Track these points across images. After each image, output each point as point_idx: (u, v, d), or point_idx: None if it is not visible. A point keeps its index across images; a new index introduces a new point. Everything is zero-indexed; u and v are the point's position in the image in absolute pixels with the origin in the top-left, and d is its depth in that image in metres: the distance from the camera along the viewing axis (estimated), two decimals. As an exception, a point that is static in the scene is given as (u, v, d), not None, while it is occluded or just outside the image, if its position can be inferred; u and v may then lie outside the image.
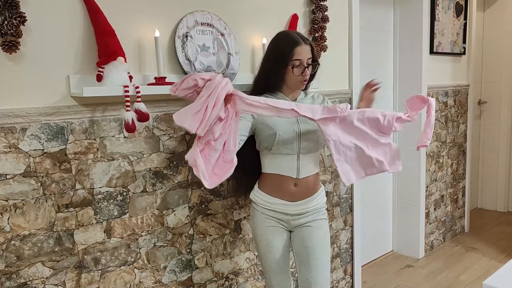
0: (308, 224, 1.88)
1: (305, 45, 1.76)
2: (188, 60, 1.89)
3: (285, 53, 1.75)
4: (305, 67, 1.76)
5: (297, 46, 1.74)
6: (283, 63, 1.75)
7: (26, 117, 1.51)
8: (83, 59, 1.63)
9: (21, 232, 1.54)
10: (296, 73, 1.77)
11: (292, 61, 1.74)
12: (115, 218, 1.77)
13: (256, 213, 1.90)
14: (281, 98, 1.81)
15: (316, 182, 1.92)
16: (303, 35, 1.80)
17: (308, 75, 1.79)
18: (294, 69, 1.75)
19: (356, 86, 2.77)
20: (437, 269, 3.36)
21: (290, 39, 1.77)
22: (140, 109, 1.64)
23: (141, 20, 1.77)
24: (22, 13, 1.44)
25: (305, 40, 1.78)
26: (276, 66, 1.78)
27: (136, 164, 1.81)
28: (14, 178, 1.51)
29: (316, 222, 1.89)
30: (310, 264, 1.85)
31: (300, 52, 1.74)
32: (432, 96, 3.52)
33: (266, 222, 1.87)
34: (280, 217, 1.86)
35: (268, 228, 1.87)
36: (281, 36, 1.81)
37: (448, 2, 3.55)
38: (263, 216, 1.88)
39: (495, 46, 4.53)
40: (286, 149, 1.79)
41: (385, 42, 3.38)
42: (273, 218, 1.87)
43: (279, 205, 1.85)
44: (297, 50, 1.74)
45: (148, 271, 1.89)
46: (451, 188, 3.91)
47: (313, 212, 1.89)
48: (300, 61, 1.75)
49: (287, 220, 1.87)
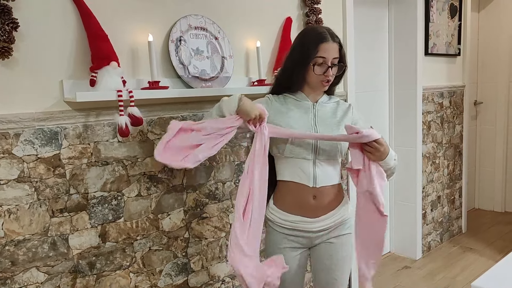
0: (330, 241, 1.70)
1: (332, 43, 1.59)
2: (182, 64, 1.89)
3: (309, 48, 1.58)
4: (329, 66, 1.59)
5: (323, 43, 1.57)
6: (306, 59, 1.59)
7: (20, 122, 1.51)
8: (76, 64, 1.63)
9: (16, 237, 1.54)
10: (318, 72, 1.60)
11: (316, 58, 1.58)
12: (110, 223, 1.77)
13: (272, 232, 1.73)
14: (301, 98, 1.69)
15: (338, 194, 1.73)
16: (333, 32, 1.63)
17: (330, 75, 1.61)
18: (315, 66, 1.59)
19: (351, 88, 2.78)
20: (434, 269, 3.37)
21: (317, 33, 1.60)
22: (134, 113, 1.64)
23: (134, 25, 1.78)
24: (14, 19, 1.44)
25: (334, 37, 1.61)
26: (299, 62, 1.61)
27: (130, 168, 1.81)
28: (8, 184, 1.51)
29: (339, 238, 1.71)
30: (327, 283, 1.72)
31: (325, 50, 1.57)
32: (428, 97, 3.53)
33: (283, 242, 1.70)
34: (300, 235, 1.68)
35: (285, 249, 1.69)
36: (308, 30, 1.67)
37: (443, 3, 3.57)
38: (280, 235, 1.70)
39: (490, 47, 4.54)
40: (301, 153, 1.63)
41: (380, 44, 3.39)
42: (292, 237, 1.69)
43: (299, 223, 1.66)
44: (322, 46, 1.57)
45: (143, 275, 1.89)
46: (447, 188, 3.92)
47: (337, 226, 1.71)
48: (324, 59, 1.58)
49: (309, 238, 1.69)
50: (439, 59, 3.66)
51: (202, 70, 1.96)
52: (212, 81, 1.99)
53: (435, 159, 3.71)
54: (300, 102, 1.69)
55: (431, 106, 3.58)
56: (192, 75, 1.92)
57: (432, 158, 3.66)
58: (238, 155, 2.18)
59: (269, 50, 2.28)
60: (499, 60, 4.48)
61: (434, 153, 3.69)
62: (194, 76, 1.93)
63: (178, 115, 1.94)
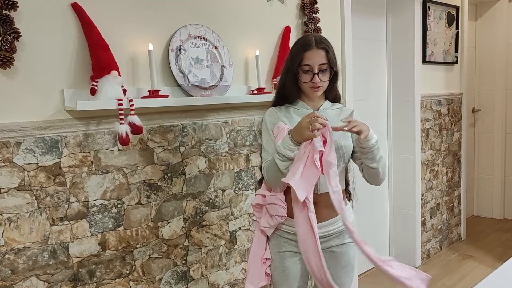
0: (333, 250, 1.68)
1: (317, 50, 1.58)
2: (182, 72, 1.91)
3: (296, 57, 1.60)
4: (315, 73, 1.58)
5: (308, 51, 1.57)
6: (293, 68, 1.60)
7: (21, 131, 1.52)
8: (77, 73, 1.65)
9: (16, 246, 1.55)
10: (304, 79, 1.60)
11: (301, 66, 1.58)
12: (110, 231, 1.77)
13: (273, 235, 1.70)
14: (302, 107, 1.68)
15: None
16: (321, 39, 1.62)
17: (317, 81, 1.59)
18: (302, 74, 1.59)
19: (349, 96, 2.80)
20: (434, 277, 3.36)
21: (303, 42, 1.61)
22: (134, 122, 1.66)
23: (134, 34, 1.79)
24: (16, 29, 1.46)
25: (320, 43, 1.59)
26: (289, 72, 1.63)
27: (130, 177, 1.82)
28: (8, 192, 1.52)
29: (340, 247, 1.69)
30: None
31: (309, 57, 1.57)
32: (426, 105, 3.55)
33: (284, 246, 1.67)
34: None
35: (286, 254, 1.67)
36: (297, 40, 1.66)
37: (440, 12, 3.60)
38: (281, 240, 1.68)
39: (487, 55, 4.58)
40: None
41: (378, 52, 3.41)
42: (293, 242, 1.64)
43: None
44: (307, 54, 1.57)
45: (143, 283, 1.89)
46: (446, 196, 3.92)
47: (338, 235, 1.68)
48: (310, 66, 1.58)
49: None
50: (437, 67, 3.68)
51: (201, 78, 1.97)
52: (212, 89, 2.01)
53: (434, 167, 3.72)
54: (301, 111, 1.68)
55: (429, 113, 3.60)
56: (192, 84, 1.93)
57: (430, 166, 3.68)
58: (237, 163, 2.19)
59: (268, 58, 2.30)
60: (496, 68, 4.51)
61: (433, 160, 3.70)
62: (194, 84, 1.94)
63: (178, 124, 1.95)
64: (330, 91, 1.71)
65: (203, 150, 2.05)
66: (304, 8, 2.44)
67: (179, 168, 1.97)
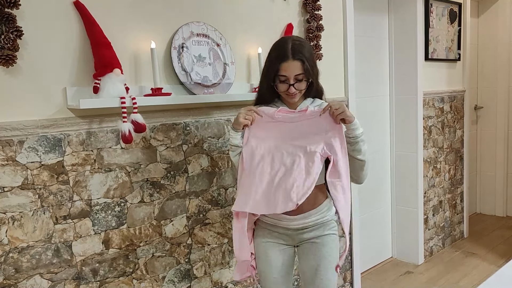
0: (313, 240, 1.73)
1: (293, 61, 1.60)
2: (184, 70, 1.90)
3: (272, 67, 1.64)
4: (290, 84, 1.63)
5: (283, 62, 1.61)
6: (270, 77, 1.65)
7: (24, 129, 1.52)
8: (79, 71, 1.64)
9: (19, 245, 1.55)
10: (280, 89, 1.66)
11: (278, 76, 1.63)
12: (113, 229, 1.77)
13: (257, 227, 1.80)
14: (280, 105, 1.73)
15: (321, 194, 1.73)
16: (298, 47, 1.63)
17: (293, 92, 1.64)
18: (278, 84, 1.65)
19: (352, 94, 2.79)
20: (437, 274, 3.36)
21: (280, 52, 1.63)
22: (137, 120, 1.65)
23: (137, 32, 1.79)
24: (18, 27, 1.46)
25: (296, 54, 1.61)
26: (266, 78, 1.68)
27: (133, 175, 1.81)
28: (11, 191, 1.52)
29: (322, 238, 1.73)
30: (314, 284, 1.70)
31: (285, 69, 1.61)
32: (428, 102, 3.54)
33: (266, 237, 1.76)
34: (282, 231, 1.74)
35: (269, 243, 1.76)
36: (274, 47, 1.68)
37: (442, 9, 3.59)
38: (264, 231, 1.77)
39: (490, 52, 4.56)
40: None
41: (380, 49, 3.40)
42: (275, 233, 1.75)
43: (280, 220, 1.72)
44: (283, 66, 1.61)
45: (146, 281, 1.89)
46: (449, 193, 3.91)
47: (319, 226, 1.73)
48: (286, 77, 1.62)
49: (290, 235, 1.74)
50: (439, 64, 3.67)
51: (204, 76, 1.97)
52: (214, 87, 2.00)
53: (436, 164, 3.71)
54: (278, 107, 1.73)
55: (431, 111, 3.59)
56: (195, 82, 1.93)
57: (433, 163, 3.67)
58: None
59: (271, 56, 2.29)
60: (499, 65, 4.50)
61: (435, 158, 3.70)
62: (196, 82, 1.94)
63: (181, 122, 1.95)
64: (311, 92, 1.76)
65: (205, 148, 2.05)
66: (306, 5, 2.43)
67: (182, 166, 1.96)
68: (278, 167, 1.62)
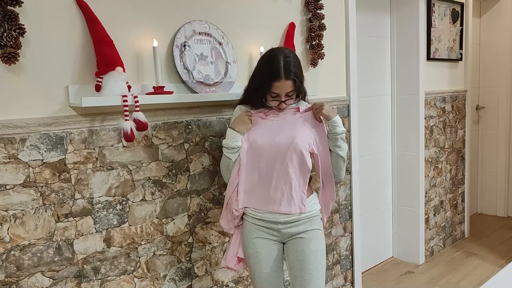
0: (301, 236, 1.77)
1: (285, 81, 1.67)
2: (186, 69, 1.90)
3: (264, 83, 1.71)
4: (281, 101, 1.73)
5: (276, 81, 1.68)
6: (262, 91, 1.74)
7: (26, 127, 1.52)
8: (81, 70, 1.64)
9: (21, 242, 1.55)
10: (272, 104, 1.76)
11: (270, 93, 1.72)
12: (115, 227, 1.77)
13: (245, 223, 1.84)
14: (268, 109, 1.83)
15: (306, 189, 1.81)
16: (290, 66, 1.68)
17: (283, 107, 1.76)
18: (270, 98, 1.74)
19: (353, 93, 2.79)
20: (437, 274, 3.36)
21: (273, 70, 1.68)
22: (139, 118, 1.65)
23: (139, 30, 1.79)
24: (21, 25, 1.46)
25: (289, 74, 1.67)
26: (257, 89, 1.77)
27: (135, 173, 1.81)
28: (13, 189, 1.52)
29: (308, 233, 1.78)
30: (302, 278, 1.74)
31: (278, 87, 1.69)
32: (430, 102, 3.54)
33: (255, 233, 1.80)
34: (270, 226, 1.78)
35: (258, 240, 1.79)
36: (267, 61, 1.73)
37: (444, 8, 3.58)
38: (253, 226, 1.81)
39: (492, 52, 4.55)
40: None
41: (382, 49, 3.40)
42: (263, 228, 1.79)
43: (267, 214, 1.77)
44: (275, 84, 1.68)
45: (148, 280, 1.89)
46: (450, 193, 3.91)
47: (305, 221, 1.78)
48: (278, 94, 1.72)
49: (278, 229, 1.78)
50: (441, 64, 3.67)
51: (206, 75, 1.97)
52: (216, 86, 2.00)
53: (438, 164, 3.71)
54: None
55: (433, 110, 3.59)
56: (197, 80, 1.93)
57: (434, 163, 3.66)
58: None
59: (273, 55, 2.29)
60: (501, 65, 4.49)
61: (437, 157, 3.69)
62: (199, 81, 1.94)
63: (183, 120, 1.95)
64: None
65: (207, 146, 2.05)
66: (309, 5, 2.43)
67: (183, 164, 1.96)
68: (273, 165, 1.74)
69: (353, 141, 2.83)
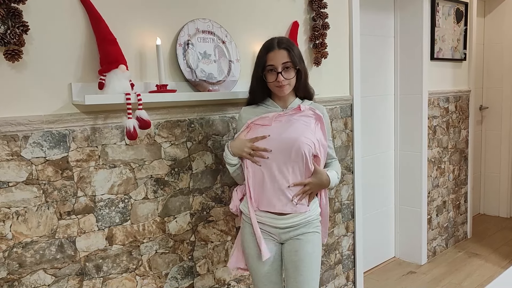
0: (298, 237, 1.78)
1: (278, 50, 1.69)
2: (189, 67, 1.90)
3: (260, 59, 1.72)
4: (278, 72, 1.69)
5: (270, 52, 1.69)
6: (259, 70, 1.73)
7: (29, 125, 1.52)
8: (85, 67, 1.64)
9: (23, 240, 1.55)
10: (269, 79, 1.72)
11: (266, 67, 1.70)
12: (117, 225, 1.77)
13: (246, 225, 1.83)
14: (271, 105, 1.81)
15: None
16: (283, 39, 1.73)
17: (281, 80, 1.69)
18: (267, 75, 1.72)
19: (357, 92, 2.78)
20: (439, 275, 3.35)
21: (266, 44, 1.74)
22: (142, 116, 1.65)
23: (142, 28, 1.78)
24: (25, 22, 1.45)
25: (281, 44, 1.70)
26: (256, 75, 1.76)
27: (137, 171, 1.81)
28: (16, 186, 1.52)
29: (305, 235, 1.78)
30: (295, 279, 1.74)
31: (272, 58, 1.69)
32: (433, 102, 3.53)
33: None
34: (269, 229, 1.78)
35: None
36: (262, 46, 1.77)
37: (448, 8, 3.57)
38: (252, 227, 1.79)
39: (496, 52, 4.54)
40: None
41: (385, 48, 3.39)
42: (263, 231, 1.79)
43: (267, 219, 1.77)
44: (269, 55, 1.69)
45: (149, 278, 1.89)
46: (453, 193, 3.90)
47: (304, 224, 1.78)
48: (273, 66, 1.69)
49: (277, 233, 1.78)
50: (444, 64, 3.65)
51: (209, 73, 1.96)
52: (219, 84, 2.00)
53: (441, 164, 3.70)
54: (269, 109, 1.81)
55: (436, 110, 3.58)
56: (200, 79, 1.93)
57: (437, 163, 3.65)
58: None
59: (276, 54, 2.28)
60: (505, 65, 4.47)
61: (440, 158, 3.68)
62: (202, 79, 1.93)
63: (186, 119, 1.94)
64: (300, 89, 1.82)
65: (210, 145, 2.04)
66: (312, 3, 2.42)
67: (186, 163, 1.96)
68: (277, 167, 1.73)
69: (356, 140, 2.82)
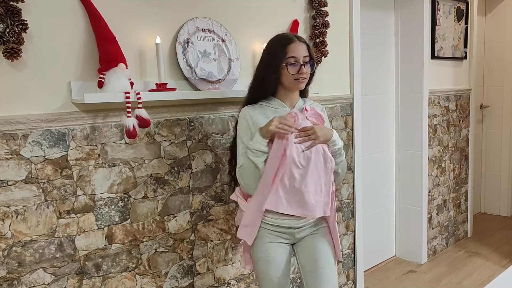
0: (313, 234, 1.78)
1: (299, 43, 1.67)
2: (189, 66, 1.89)
3: (279, 52, 1.66)
4: (301, 64, 1.65)
5: (291, 44, 1.65)
6: (278, 62, 1.66)
7: (28, 123, 1.52)
8: (84, 66, 1.64)
9: (23, 239, 1.55)
10: (292, 71, 1.65)
11: (287, 59, 1.65)
12: (117, 224, 1.77)
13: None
14: (278, 105, 1.73)
15: None
16: (298, 35, 1.73)
17: (305, 73, 1.67)
18: (288, 67, 1.65)
19: (357, 91, 2.77)
20: (440, 274, 3.35)
21: (283, 37, 1.70)
22: (141, 115, 1.65)
23: (142, 27, 1.78)
24: (24, 21, 1.45)
25: (300, 38, 1.70)
26: (270, 68, 1.67)
27: (137, 170, 1.81)
28: (15, 185, 1.51)
29: (319, 229, 1.78)
30: (316, 274, 1.72)
31: (294, 50, 1.65)
32: (434, 101, 3.52)
33: (268, 237, 1.74)
34: (284, 230, 1.74)
35: (271, 244, 1.74)
36: (274, 37, 1.73)
37: (449, 6, 3.56)
38: (265, 231, 1.74)
39: (496, 51, 4.53)
40: None
41: (386, 47, 3.38)
42: (276, 233, 1.74)
43: (284, 220, 1.72)
44: (290, 47, 1.65)
45: (149, 277, 1.89)
46: (453, 192, 3.90)
47: (318, 221, 1.79)
48: (296, 58, 1.65)
49: (292, 233, 1.75)
50: (445, 62, 3.64)
51: (209, 72, 1.96)
52: (219, 83, 1.99)
53: (441, 163, 3.70)
54: (277, 109, 1.74)
55: (437, 109, 3.57)
56: (199, 77, 1.92)
57: (438, 162, 3.65)
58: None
59: (276, 52, 2.28)
60: (505, 64, 4.46)
61: (440, 156, 3.68)
62: (201, 78, 1.93)
63: (185, 117, 1.94)
64: (308, 86, 1.81)
65: (210, 144, 2.04)
66: (313, 2, 2.42)
67: (185, 162, 1.96)
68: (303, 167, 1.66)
69: (356, 139, 2.81)
